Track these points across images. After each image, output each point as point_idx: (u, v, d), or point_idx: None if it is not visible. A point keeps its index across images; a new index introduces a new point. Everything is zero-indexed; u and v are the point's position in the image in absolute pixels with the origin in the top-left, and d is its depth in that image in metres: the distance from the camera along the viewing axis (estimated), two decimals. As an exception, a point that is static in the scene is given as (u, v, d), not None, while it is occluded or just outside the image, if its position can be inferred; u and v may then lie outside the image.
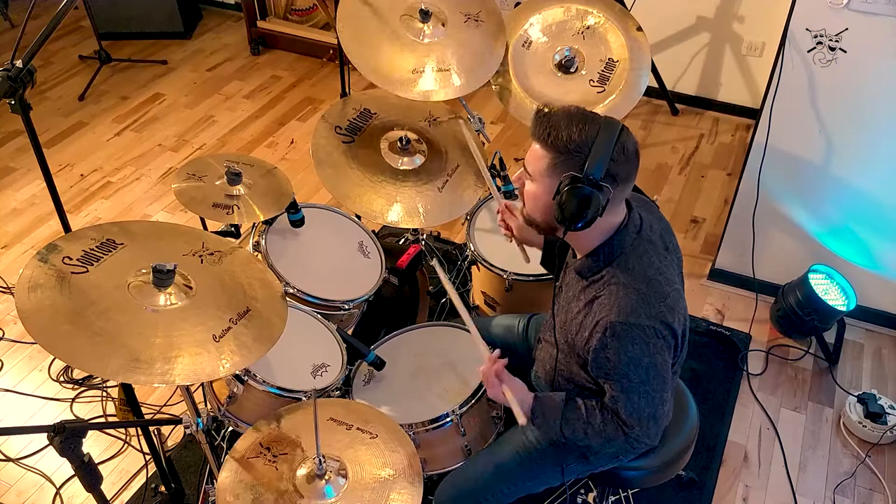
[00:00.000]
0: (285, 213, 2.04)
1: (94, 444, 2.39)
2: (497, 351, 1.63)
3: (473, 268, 2.34)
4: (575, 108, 1.40)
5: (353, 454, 1.56)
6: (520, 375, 1.85)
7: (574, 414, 1.53)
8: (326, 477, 1.49)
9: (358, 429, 1.62)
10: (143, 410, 2.42)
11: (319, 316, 1.99)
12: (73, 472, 1.85)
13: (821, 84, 2.34)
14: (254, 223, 2.06)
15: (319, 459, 1.48)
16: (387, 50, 2.15)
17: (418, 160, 2.19)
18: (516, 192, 1.89)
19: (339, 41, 2.16)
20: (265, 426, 1.63)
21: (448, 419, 1.76)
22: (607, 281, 1.44)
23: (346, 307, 2.04)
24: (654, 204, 1.68)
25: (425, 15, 2.19)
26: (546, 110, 1.40)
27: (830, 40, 2.24)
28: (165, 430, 2.42)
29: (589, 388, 1.56)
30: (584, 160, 1.35)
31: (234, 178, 1.94)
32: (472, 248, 2.26)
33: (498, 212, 1.92)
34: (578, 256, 1.52)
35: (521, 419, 1.54)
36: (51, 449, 1.51)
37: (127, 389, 1.94)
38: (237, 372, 1.73)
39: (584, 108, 1.41)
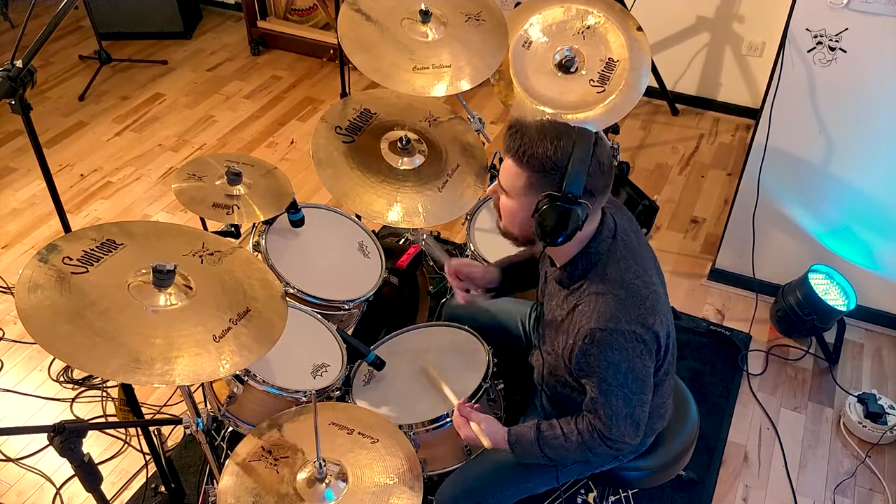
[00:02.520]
0: (285, 213, 2.04)
1: (94, 444, 2.39)
2: (463, 398, 1.70)
3: (473, 268, 2.33)
4: (548, 121, 1.39)
5: (354, 458, 1.56)
6: (521, 374, 1.86)
7: (550, 433, 1.56)
8: (327, 481, 1.49)
9: (359, 433, 1.62)
10: (143, 410, 2.42)
11: (319, 316, 1.99)
12: (73, 472, 1.85)
13: (821, 84, 2.34)
14: (254, 223, 2.05)
15: (320, 463, 1.48)
16: (388, 50, 2.14)
17: (418, 160, 2.19)
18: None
19: (339, 41, 2.16)
20: (267, 430, 1.63)
21: (448, 419, 1.76)
22: (587, 289, 1.45)
23: (346, 307, 2.04)
24: (654, 204, 1.68)
25: (426, 15, 2.19)
26: (518, 125, 1.39)
27: (830, 40, 2.24)
28: (165, 430, 2.42)
29: (581, 392, 1.57)
30: (562, 178, 1.34)
31: (234, 178, 1.94)
32: (472, 248, 2.26)
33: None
34: (557, 266, 1.52)
35: (487, 443, 1.60)
36: (51, 449, 1.51)
37: (127, 389, 1.94)
38: (237, 372, 1.72)
39: (556, 119, 1.41)
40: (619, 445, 1.50)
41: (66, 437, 1.47)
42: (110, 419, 2.47)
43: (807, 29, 2.26)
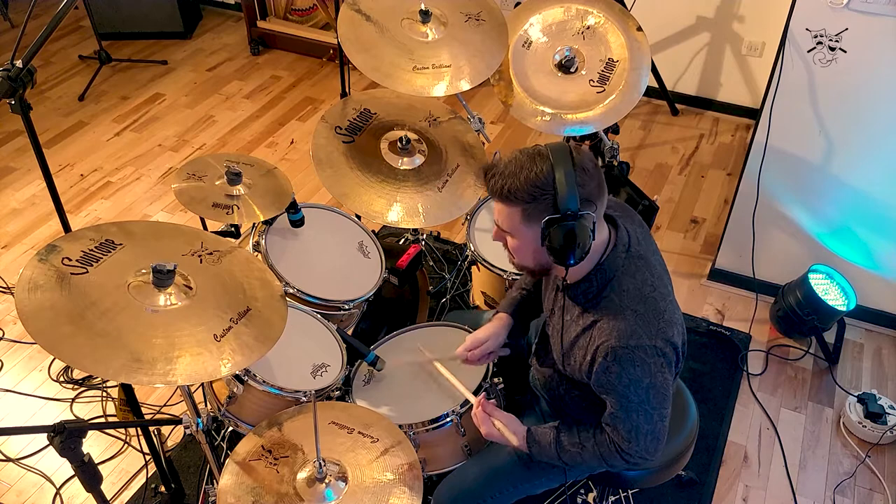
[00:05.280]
0: (285, 213, 2.04)
1: (94, 444, 2.39)
2: (483, 395, 1.67)
3: (473, 268, 2.34)
4: (517, 151, 1.38)
5: (354, 458, 1.56)
6: (521, 374, 1.86)
7: (568, 440, 1.56)
8: (327, 480, 1.49)
9: (359, 433, 1.62)
10: (143, 410, 2.42)
11: (319, 316, 1.99)
12: (73, 472, 1.85)
13: (821, 84, 2.34)
14: (254, 223, 2.05)
15: (320, 463, 1.48)
16: (388, 50, 2.15)
17: (418, 160, 2.19)
18: None
19: (339, 41, 2.16)
20: (266, 429, 1.63)
21: (448, 419, 1.76)
22: (604, 306, 1.43)
23: (346, 307, 2.04)
24: (654, 204, 1.67)
25: (426, 15, 2.19)
26: (491, 168, 1.38)
27: (830, 40, 2.24)
28: (165, 430, 2.42)
29: (583, 397, 1.58)
30: (553, 198, 1.33)
31: (234, 178, 1.94)
32: (472, 248, 2.26)
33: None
34: (569, 283, 1.49)
35: (514, 440, 1.60)
36: (51, 449, 1.51)
37: (127, 389, 1.94)
38: (237, 372, 1.73)
39: (525, 147, 1.39)
40: (636, 459, 1.50)
41: (66, 437, 1.47)
42: (110, 419, 2.47)
43: (807, 29, 2.26)
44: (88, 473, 1.57)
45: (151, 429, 2.07)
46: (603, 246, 1.44)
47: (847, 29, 2.20)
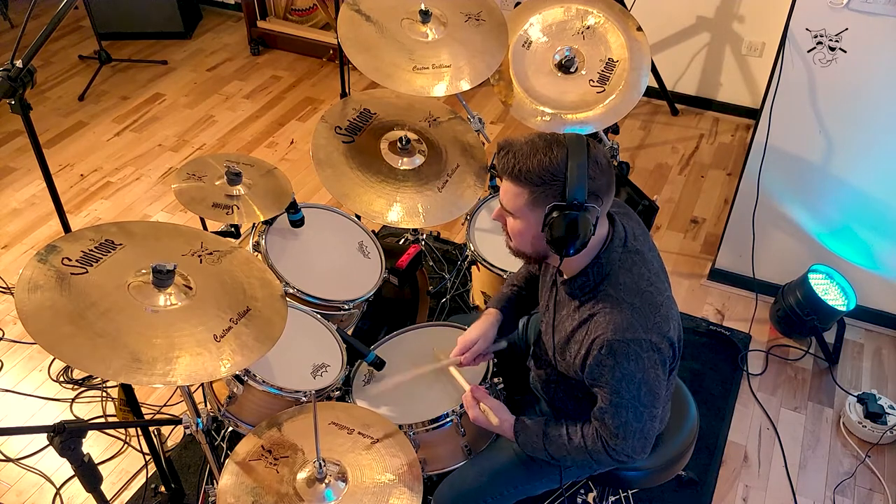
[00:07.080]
0: (285, 213, 2.04)
1: (94, 444, 2.39)
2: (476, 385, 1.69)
3: (473, 268, 2.34)
4: (535, 135, 1.38)
5: (354, 458, 1.56)
6: (521, 374, 1.86)
7: (555, 431, 1.56)
8: (326, 481, 1.49)
9: (359, 433, 1.62)
10: (143, 410, 2.42)
11: (319, 316, 1.99)
12: (73, 472, 1.85)
13: (821, 84, 2.34)
14: (254, 223, 2.05)
15: (319, 463, 1.48)
16: (388, 50, 2.15)
17: (418, 160, 2.19)
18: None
19: (339, 41, 2.16)
20: (266, 429, 1.63)
21: (448, 419, 1.76)
22: (601, 299, 1.43)
23: (346, 307, 2.04)
24: (654, 204, 1.67)
25: (425, 15, 2.19)
26: (507, 145, 1.38)
27: (830, 40, 2.24)
28: (165, 430, 2.42)
29: (582, 396, 1.57)
30: (563, 186, 1.33)
31: (234, 178, 1.94)
32: (472, 248, 2.26)
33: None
34: (566, 276, 1.50)
35: (495, 421, 1.63)
36: (51, 449, 1.51)
37: (127, 390, 1.94)
38: (237, 372, 1.72)
39: (543, 132, 1.39)
40: (622, 457, 1.50)
41: (66, 437, 1.47)
42: (110, 419, 2.47)
43: (807, 29, 2.26)
44: (88, 473, 1.58)
45: (151, 429, 2.07)
46: (601, 241, 1.45)
47: (847, 29, 2.20)
